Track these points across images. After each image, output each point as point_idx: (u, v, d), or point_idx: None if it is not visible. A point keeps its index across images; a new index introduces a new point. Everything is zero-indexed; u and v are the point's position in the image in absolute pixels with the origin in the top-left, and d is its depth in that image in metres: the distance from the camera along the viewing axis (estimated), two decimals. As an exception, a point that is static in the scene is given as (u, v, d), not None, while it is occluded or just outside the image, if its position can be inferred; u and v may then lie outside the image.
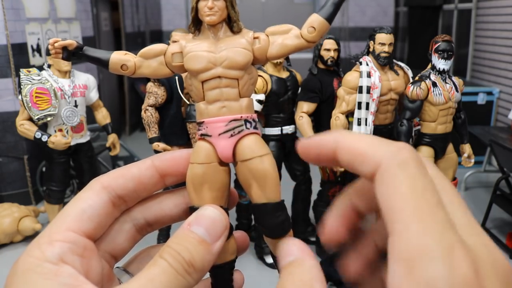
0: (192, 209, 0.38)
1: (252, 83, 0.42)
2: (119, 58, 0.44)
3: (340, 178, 3.31)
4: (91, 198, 0.34)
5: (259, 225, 0.39)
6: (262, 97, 3.05)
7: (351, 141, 0.31)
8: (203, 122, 0.39)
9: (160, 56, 0.43)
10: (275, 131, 3.21)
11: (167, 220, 0.39)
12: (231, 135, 0.39)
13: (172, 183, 0.39)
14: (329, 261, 2.78)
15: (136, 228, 0.38)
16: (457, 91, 2.93)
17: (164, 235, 3.36)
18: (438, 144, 3.02)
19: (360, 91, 2.96)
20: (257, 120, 0.42)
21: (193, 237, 0.33)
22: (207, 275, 0.39)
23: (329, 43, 3.19)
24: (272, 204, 0.38)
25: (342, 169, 3.06)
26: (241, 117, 0.39)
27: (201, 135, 0.39)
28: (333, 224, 0.35)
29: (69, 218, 0.33)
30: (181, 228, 0.34)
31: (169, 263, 0.31)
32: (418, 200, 0.26)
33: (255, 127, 0.40)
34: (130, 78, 7.02)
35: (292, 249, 0.35)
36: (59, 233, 0.31)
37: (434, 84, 2.87)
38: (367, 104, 2.96)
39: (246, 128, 0.39)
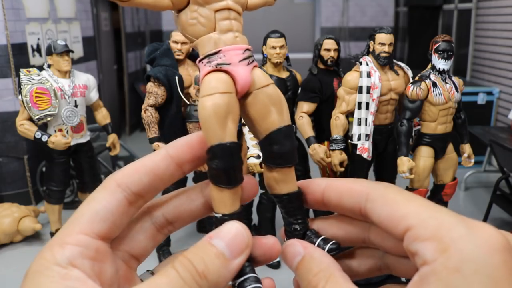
0: (212, 150, 0.35)
1: None
2: None
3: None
4: (105, 198, 0.33)
5: (276, 156, 0.38)
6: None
7: (338, 182, 0.37)
8: (220, 50, 0.37)
9: None
10: (275, 131, 3.20)
11: (186, 217, 0.39)
12: (248, 63, 0.39)
13: (190, 169, 0.37)
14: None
15: (155, 226, 0.38)
16: (457, 91, 2.93)
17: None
18: (438, 144, 3.01)
19: (360, 91, 2.96)
20: None
21: (212, 250, 0.32)
22: None
23: (329, 43, 3.19)
24: (289, 126, 0.39)
25: (342, 169, 3.06)
26: (251, 48, 0.40)
27: (217, 64, 0.37)
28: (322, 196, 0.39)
29: (82, 220, 0.32)
30: (201, 240, 0.33)
31: (179, 273, 0.30)
32: (415, 201, 0.31)
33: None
34: (130, 78, 7.03)
35: (297, 249, 0.36)
36: (71, 236, 0.31)
37: (434, 84, 2.87)
38: (367, 104, 2.96)
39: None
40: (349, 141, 3.11)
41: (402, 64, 3.16)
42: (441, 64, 2.85)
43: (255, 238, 0.37)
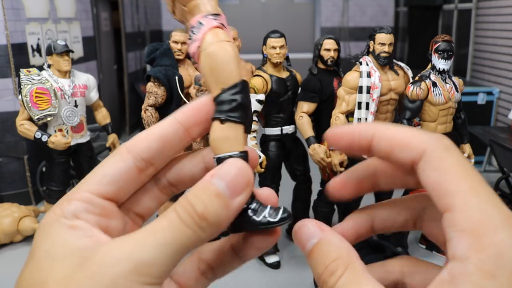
0: (238, 85, 0.37)
1: None
2: None
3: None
4: (114, 163, 0.35)
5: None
6: (262, 97, 3.05)
7: (391, 130, 0.32)
8: (220, 14, 0.41)
9: None
10: (275, 131, 3.21)
11: (188, 181, 0.39)
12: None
13: (197, 134, 0.38)
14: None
15: (159, 187, 0.38)
16: (457, 91, 2.94)
17: None
18: (438, 144, 3.01)
19: (360, 91, 2.96)
20: None
21: (212, 190, 0.32)
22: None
23: (329, 43, 3.19)
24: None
25: (342, 169, 3.06)
26: None
27: (221, 23, 0.40)
28: (346, 181, 0.37)
29: (90, 181, 0.34)
30: (202, 179, 0.33)
31: (179, 215, 0.31)
32: (471, 179, 0.28)
33: None
34: (130, 78, 7.03)
35: (312, 231, 0.33)
36: (78, 193, 0.33)
37: (434, 84, 2.88)
38: (367, 104, 2.96)
39: None
40: (349, 141, 3.11)
41: (402, 64, 3.16)
42: (441, 64, 2.85)
43: None
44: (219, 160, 0.36)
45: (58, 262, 0.30)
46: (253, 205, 0.36)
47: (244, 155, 0.36)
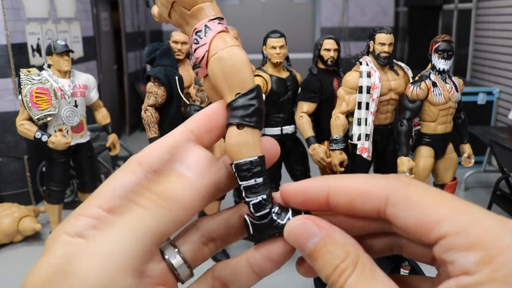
0: (253, 90, 0.37)
1: None
2: None
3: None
4: (124, 176, 0.34)
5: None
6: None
7: (346, 183, 0.31)
8: (224, 18, 0.40)
9: None
10: (275, 131, 3.21)
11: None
12: None
13: (209, 141, 0.37)
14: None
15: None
16: (457, 91, 2.94)
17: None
18: (438, 144, 3.02)
19: (360, 91, 2.96)
20: None
21: (172, 174, 0.32)
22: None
23: (329, 43, 3.19)
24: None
25: (342, 169, 3.06)
26: None
27: (225, 27, 0.40)
28: (298, 191, 0.34)
29: (100, 195, 0.33)
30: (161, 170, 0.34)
31: (141, 206, 0.31)
32: (445, 201, 0.28)
33: None
34: (130, 78, 7.03)
35: (310, 229, 0.32)
36: (87, 209, 0.33)
37: (434, 84, 2.88)
38: (367, 104, 2.96)
39: None
40: (349, 141, 3.12)
41: (402, 64, 3.16)
42: (441, 64, 2.85)
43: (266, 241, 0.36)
44: (238, 166, 0.35)
45: (36, 276, 0.30)
46: (276, 209, 0.35)
47: (262, 159, 0.36)
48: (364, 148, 3.02)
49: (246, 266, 0.36)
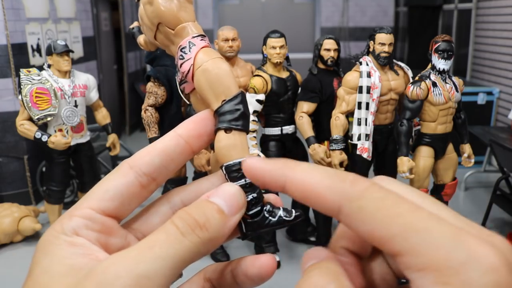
0: (238, 96, 0.39)
1: None
2: None
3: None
4: (116, 179, 0.35)
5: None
6: (262, 97, 3.05)
7: (302, 179, 0.30)
8: (205, 35, 0.43)
9: None
10: (275, 131, 3.21)
11: None
12: None
13: (198, 147, 0.38)
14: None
15: (173, 211, 0.38)
16: (457, 91, 2.94)
17: None
18: (438, 144, 3.02)
19: (360, 91, 2.96)
20: None
21: (212, 206, 0.33)
22: None
23: (329, 43, 3.19)
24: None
25: (342, 169, 3.06)
26: None
27: (208, 43, 0.43)
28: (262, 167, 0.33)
29: (92, 197, 0.34)
30: (199, 199, 0.34)
31: (178, 227, 0.31)
32: (399, 213, 0.26)
33: None
34: (130, 78, 7.03)
35: (318, 253, 0.32)
36: (79, 210, 0.33)
37: (434, 84, 2.88)
38: (367, 104, 2.96)
39: None
40: (349, 141, 3.12)
41: (402, 64, 3.16)
42: (441, 64, 2.85)
43: (248, 257, 0.36)
44: (228, 168, 0.38)
45: (56, 280, 0.30)
46: (267, 207, 0.38)
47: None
48: (364, 148, 3.02)
49: (230, 276, 0.37)
